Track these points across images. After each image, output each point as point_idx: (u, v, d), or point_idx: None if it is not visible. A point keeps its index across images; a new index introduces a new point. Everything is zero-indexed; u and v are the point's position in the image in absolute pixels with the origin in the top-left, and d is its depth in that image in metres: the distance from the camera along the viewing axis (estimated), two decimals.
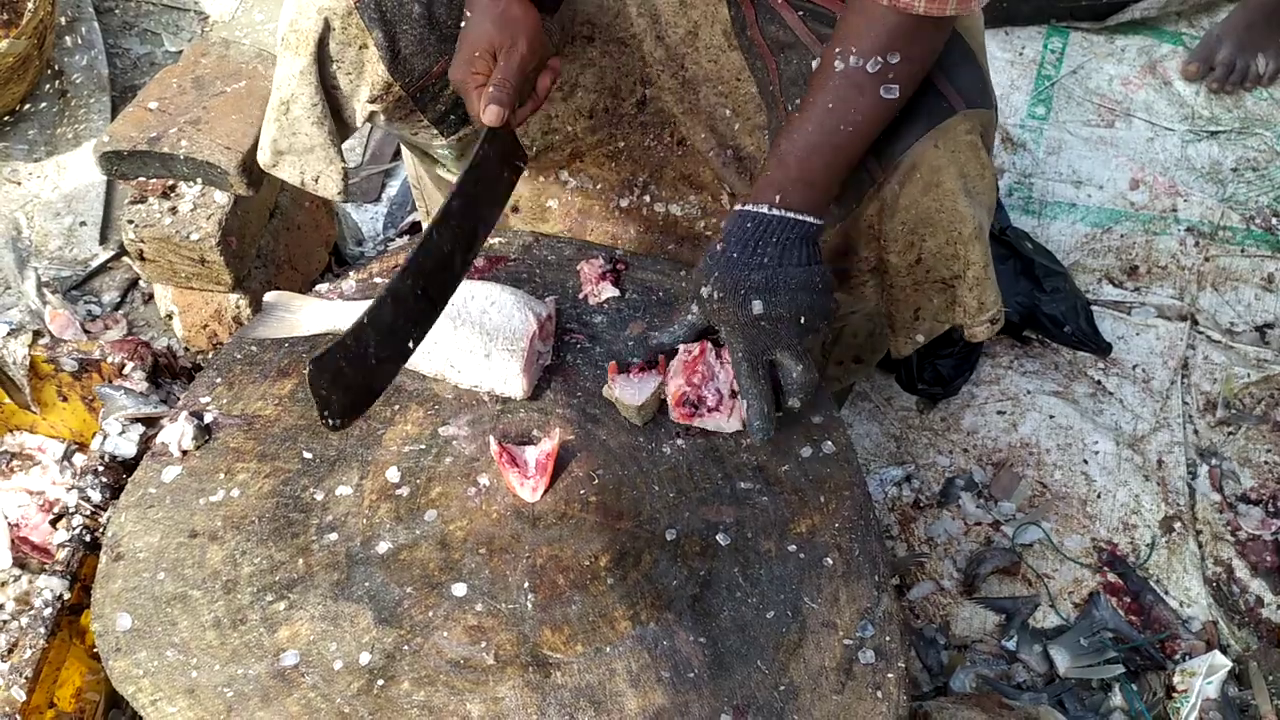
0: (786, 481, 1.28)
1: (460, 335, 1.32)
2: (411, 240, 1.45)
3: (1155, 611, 1.79)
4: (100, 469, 1.39)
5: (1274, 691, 1.61)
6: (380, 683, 1.11)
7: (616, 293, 1.44)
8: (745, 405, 1.27)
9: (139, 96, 1.78)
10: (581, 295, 1.45)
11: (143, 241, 1.71)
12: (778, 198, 1.27)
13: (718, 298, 1.25)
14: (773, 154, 1.30)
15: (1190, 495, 1.94)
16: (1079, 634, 1.73)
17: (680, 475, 1.27)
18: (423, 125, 1.50)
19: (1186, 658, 1.71)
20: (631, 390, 1.29)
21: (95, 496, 1.37)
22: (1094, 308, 2.16)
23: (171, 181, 1.72)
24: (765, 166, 1.30)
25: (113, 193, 2.33)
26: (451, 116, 1.50)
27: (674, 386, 1.29)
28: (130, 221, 1.70)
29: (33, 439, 1.71)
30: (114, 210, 2.31)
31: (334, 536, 1.21)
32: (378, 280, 1.47)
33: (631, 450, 1.29)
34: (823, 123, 1.28)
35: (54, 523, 1.40)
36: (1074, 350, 2.13)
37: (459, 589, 1.17)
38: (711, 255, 1.27)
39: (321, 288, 1.47)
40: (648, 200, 1.66)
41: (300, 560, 1.20)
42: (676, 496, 1.25)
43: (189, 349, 1.92)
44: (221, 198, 1.71)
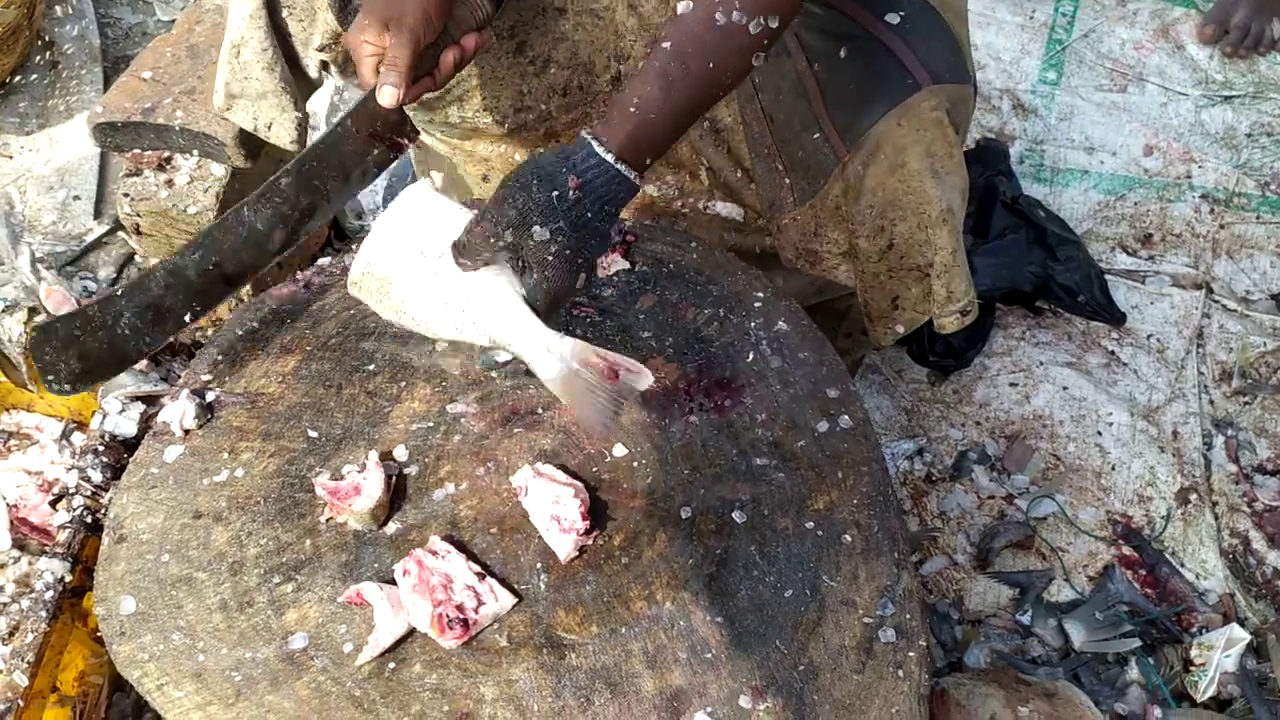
0: (803, 457, 1.24)
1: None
2: None
3: (1171, 584, 1.77)
4: (100, 448, 1.36)
5: None
6: (392, 665, 1.09)
7: (626, 265, 1.40)
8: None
9: (132, 66, 1.74)
10: None
11: (139, 215, 1.67)
12: (620, 146, 1.10)
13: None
14: (622, 96, 1.13)
15: (1206, 466, 1.92)
16: (1094, 608, 1.71)
17: (694, 452, 1.24)
18: None
19: (1203, 630, 1.69)
20: None
21: (96, 476, 1.34)
22: (1108, 277, 2.13)
23: (167, 153, 1.68)
24: (613, 107, 1.13)
25: (106, 166, 2.29)
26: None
27: (424, 616, 1.09)
28: (126, 195, 1.66)
29: (30, 418, 1.67)
30: (108, 184, 2.27)
31: (341, 517, 1.18)
32: None
33: (644, 427, 1.26)
34: (699, 77, 1.12)
35: (54, 504, 1.38)
36: (1087, 320, 2.10)
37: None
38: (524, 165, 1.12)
39: (323, 262, 1.44)
40: None
41: (307, 541, 1.17)
42: (691, 474, 1.22)
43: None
44: (219, 170, 1.67)
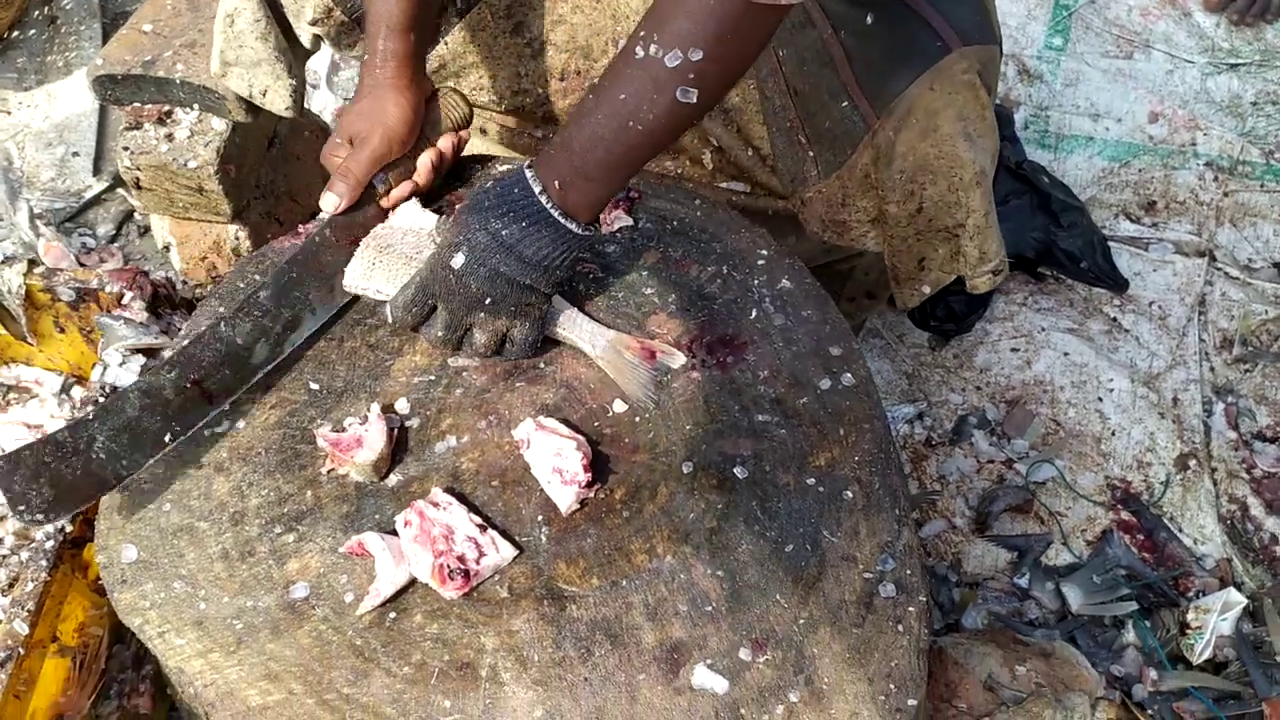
0: (805, 414, 1.24)
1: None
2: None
3: (1169, 549, 1.77)
4: (101, 400, 1.35)
5: None
6: (393, 615, 1.09)
7: (630, 221, 1.39)
8: (390, 302, 1.23)
9: (132, 19, 1.72)
10: None
11: (139, 169, 1.66)
12: (556, 183, 1.15)
13: (443, 228, 1.21)
14: (562, 129, 1.16)
15: (1205, 433, 1.92)
16: (1092, 571, 1.72)
17: (696, 407, 1.24)
18: None
19: (1200, 595, 1.70)
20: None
21: None
22: (1110, 244, 2.12)
23: (167, 107, 1.66)
24: (553, 140, 1.17)
25: (106, 123, 2.28)
26: None
27: (425, 567, 1.10)
28: (126, 148, 1.65)
29: (29, 371, 1.67)
30: (107, 141, 2.26)
31: (342, 469, 1.18)
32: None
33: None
34: (613, 113, 1.11)
35: None
36: (1089, 287, 2.09)
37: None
38: (472, 195, 1.20)
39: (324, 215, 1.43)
40: None
41: (309, 492, 1.17)
42: (693, 429, 1.22)
43: (187, 282, 1.88)
44: (219, 124, 1.66)
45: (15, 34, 2.40)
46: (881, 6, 1.37)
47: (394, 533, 1.12)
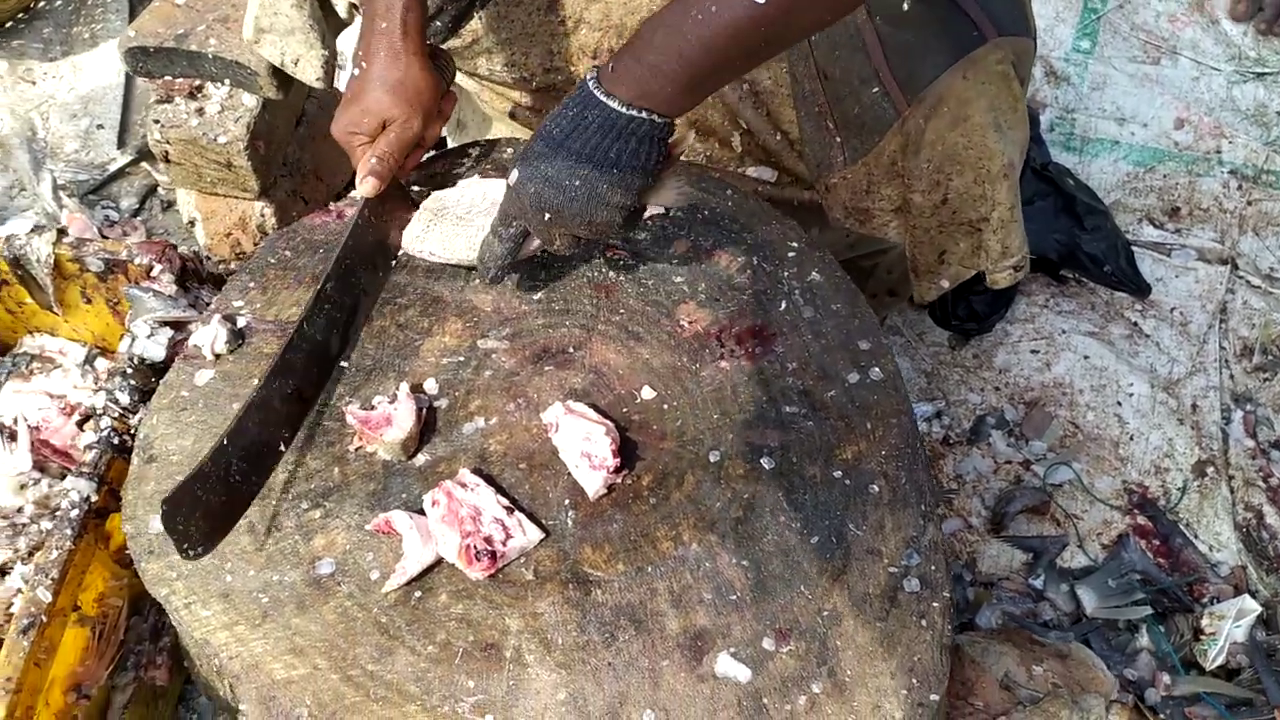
0: (833, 407, 1.24)
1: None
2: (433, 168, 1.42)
3: (1184, 555, 1.77)
4: (129, 371, 1.36)
5: None
6: (418, 594, 1.09)
7: (661, 210, 1.39)
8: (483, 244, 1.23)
9: None
10: None
11: (168, 143, 1.66)
12: (611, 67, 1.09)
13: (516, 154, 1.16)
14: (641, 30, 1.10)
15: (1224, 440, 1.92)
16: (1107, 575, 1.72)
17: (724, 397, 1.24)
18: None
19: (1215, 601, 1.70)
20: None
21: (124, 399, 1.34)
22: (1133, 248, 2.12)
23: (199, 81, 1.66)
24: (629, 42, 1.11)
25: (131, 96, 2.28)
26: (436, 22, 1.44)
27: (452, 547, 1.10)
28: (156, 121, 1.65)
29: (54, 342, 1.67)
30: (132, 114, 2.26)
31: (371, 446, 1.18)
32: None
33: (674, 370, 1.26)
34: (677, 6, 1.06)
35: (81, 424, 1.38)
36: (1111, 291, 2.09)
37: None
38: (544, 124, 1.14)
39: (356, 194, 1.43)
40: None
41: (336, 469, 1.17)
42: (720, 418, 1.22)
43: (210, 258, 1.88)
44: (250, 100, 1.66)
45: (41, 4, 2.40)
46: None
47: (421, 512, 1.13)
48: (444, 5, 1.46)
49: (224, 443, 1.09)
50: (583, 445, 1.15)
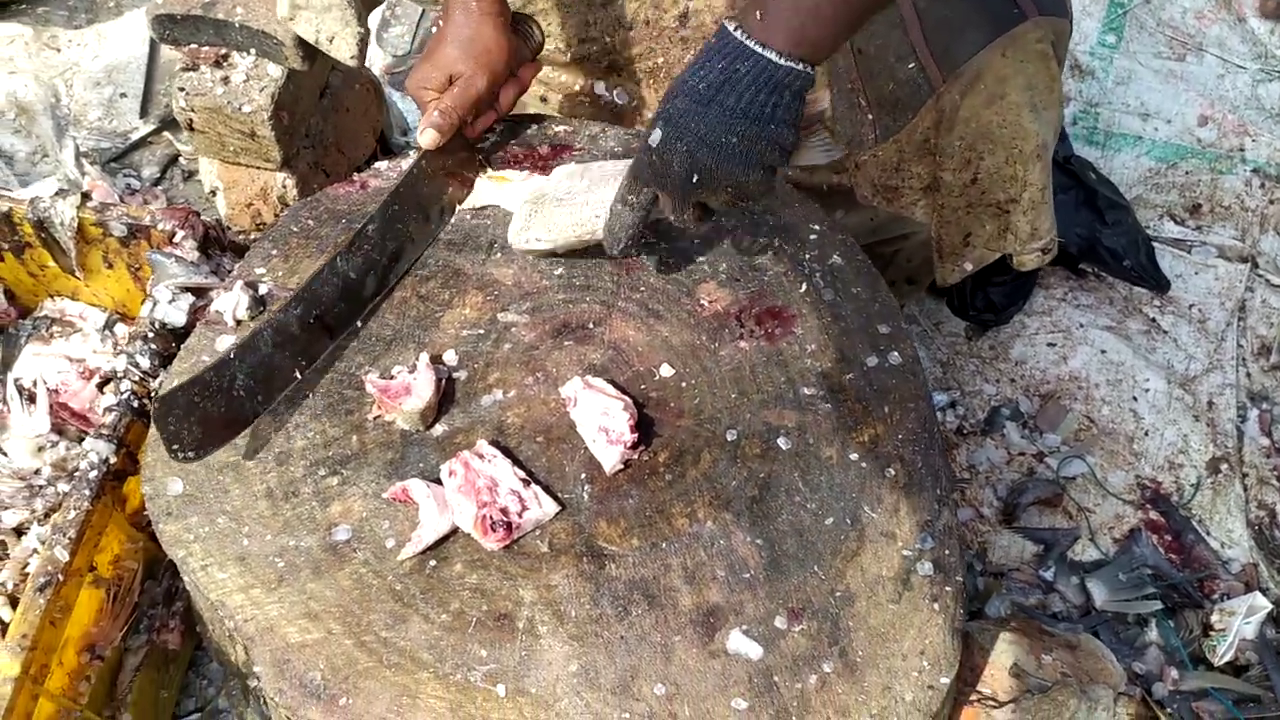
0: (850, 390, 1.24)
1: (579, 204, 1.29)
2: None
3: (1196, 551, 1.77)
4: (149, 335, 1.36)
5: None
6: (433, 563, 1.10)
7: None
8: (610, 216, 1.19)
9: None
10: None
11: (193, 111, 1.66)
12: (758, 14, 1.00)
13: (656, 115, 1.08)
14: None
15: (1239, 438, 1.91)
16: (1118, 569, 1.72)
17: (742, 377, 1.24)
18: None
19: (1225, 598, 1.70)
20: None
21: (144, 363, 1.35)
22: (1154, 244, 2.11)
23: (225, 50, 1.66)
24: None
25: (154, 66, 2.28)
26: None
27: (468, 517, 1.10)
28: (181, 89, 1.65)
29: (74, 306, 1.68)
30: (155, 84, 2.26)
31: (389, 415, 1.19)
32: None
33: (693, 348, 1.26)
34: None
35: (100, 388, 1.38)
36: (1130, 286, 2.08)
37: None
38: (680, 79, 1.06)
39: (379, 165, 1.43)
40: None
41: (354, 437, 1.18)
42: (738, 398, 1.22)
43: (231, 228, 1.88)
44: (275, 71, 1.66)
45: None
46: None
47: (438, 481, 1.13)
48: None
49: (230, 355, 1.13)
50: (600, 420, 1.15)
